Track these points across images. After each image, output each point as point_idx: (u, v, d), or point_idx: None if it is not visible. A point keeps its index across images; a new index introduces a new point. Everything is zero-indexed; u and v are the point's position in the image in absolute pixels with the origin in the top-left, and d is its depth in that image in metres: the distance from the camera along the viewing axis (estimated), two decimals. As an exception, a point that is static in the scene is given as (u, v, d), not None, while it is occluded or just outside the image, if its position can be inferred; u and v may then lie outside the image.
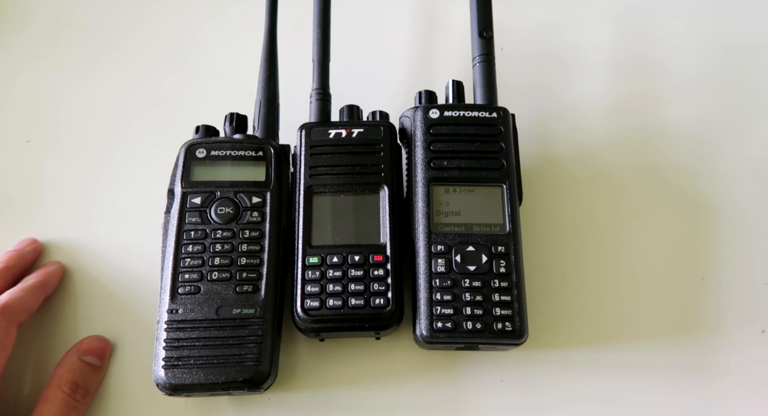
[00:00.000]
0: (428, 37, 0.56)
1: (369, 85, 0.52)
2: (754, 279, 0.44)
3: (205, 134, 0.44)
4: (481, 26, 0.46)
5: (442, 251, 0.39)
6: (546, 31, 0.56)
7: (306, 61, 0.47)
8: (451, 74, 0.47)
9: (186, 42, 0.56)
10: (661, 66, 0.53)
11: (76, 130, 0.52)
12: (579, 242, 0.45)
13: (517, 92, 0.51)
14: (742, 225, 0.46)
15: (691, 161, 0.49)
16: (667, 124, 0.51)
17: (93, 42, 0.57)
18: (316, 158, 0.42)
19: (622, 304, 0.43)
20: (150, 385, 0.37)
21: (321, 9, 0.47)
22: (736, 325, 0.43)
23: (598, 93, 0.52)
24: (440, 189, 0.41)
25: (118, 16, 0.58)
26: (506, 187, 0.41)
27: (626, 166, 0.49)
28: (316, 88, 0.45)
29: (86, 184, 0.49)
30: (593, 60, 0.54)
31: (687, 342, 0.42)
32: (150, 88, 0.54)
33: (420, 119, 0.42)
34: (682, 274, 0.44)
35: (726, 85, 0.52)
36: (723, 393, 0.40)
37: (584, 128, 0.50)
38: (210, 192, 0.41)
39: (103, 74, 0.55)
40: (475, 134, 0.42)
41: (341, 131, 0.43)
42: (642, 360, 0.41)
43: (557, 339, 0.42)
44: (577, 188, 0.48)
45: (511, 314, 0.38)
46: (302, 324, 0.39)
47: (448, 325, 0.37)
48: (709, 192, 0.47)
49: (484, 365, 0.41)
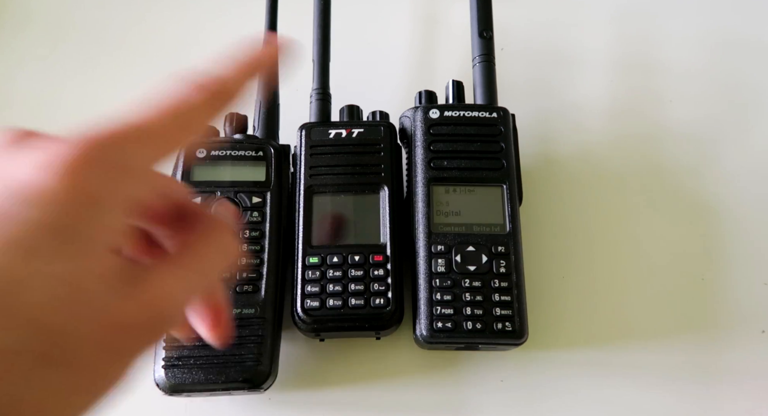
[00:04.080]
0: (428, 37, 0.56)
1: (369, 86, 0.52)
2: (754, 279, 0.44)
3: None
4: (481, 26, 0.46)
5: (442, 251, 0.39)
6: (546, 31, 0.56)
7: (306, 61, 0.47)
8: (451, 74, 0.47)
9: (186, 42, 0.56)
10: (661, 66, 0.53)
11: (76, 130, 0.52)
12: (579, 242, 0.45)
13: (517, 92, 0.51)
14: (742, 225, 0.46)
15: (691, 161, 0.49)
16: (667, 124, 0.51)
17: (93, 42, 0.57)
18: (316, 158, 0.42)
19: (622, 304, 0.43)
20: (150, 385, 0.37)
21: (321, 9, 0.47)
22: (736, 325, 0.42)
23: (599, 93, 0.52)
24: (440, 189, 0.41)
25: (118, 17, 0.58)
26: (506, 187, 0.41)
27: (626, 166, 0.49)
28: (316, 88, 0.45)
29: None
30: (593, 60, 0.54)
31: (687, 342, 0.42)
32: (150, 89, 0.54)
33: (420, 119, 0.42)
34: (682, 274, 0.44)
35: (726, 85, 0.52)
36: (723, 393, 0.40)
37: (584, 127, 0.50)
38: (210, 192, 0.41)
39: (103, 74, 0.55)
40: (475, 134, 0.42)
41: (341, 131, 0.43)
42: (642, 360, 0.41)
43: (557, 339, 0.42)
44: (577, 188, 0.48)
45: (511, 314, 0.38)
46: (302, 324, 0.38)
47: (448, 325, 0.37)
48: (709, 192, 0.47)
49: (484, 365, 0.41)
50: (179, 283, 0.19)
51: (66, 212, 0.17)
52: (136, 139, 0.19)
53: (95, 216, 0.17)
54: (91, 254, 0.17)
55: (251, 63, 0.22)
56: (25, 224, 0.16)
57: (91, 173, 0.18)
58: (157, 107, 0.20)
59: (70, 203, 0.17)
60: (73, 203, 0.17)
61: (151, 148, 0.20)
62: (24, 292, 0.15)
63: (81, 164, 0.18)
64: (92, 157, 0.18)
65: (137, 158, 0.19)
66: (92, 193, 0.17)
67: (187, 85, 0.21)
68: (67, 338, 0.16)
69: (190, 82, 0.21)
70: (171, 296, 0.18)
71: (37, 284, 0.16)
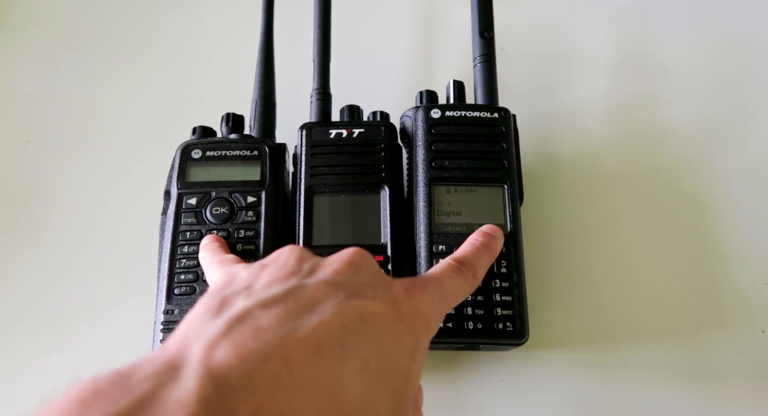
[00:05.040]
0: (429, 37, 0.56)
1: (370, 86, 0.52)
2: (754, 279, 0.44)
3: (201, 135, 0.44)
4: (482, 26, 0.46)
5: (443, 251, 0.39)
6: (546, 31, 0.56)
7: (306, 61, 0.47)
8: (451, 74, 0.47)
9: (186, 43, 0.56)
10: (661, 66, 0.53)
11: (76, 130, 0.52)
12: (579, 242, 0.46)
13: (518, 92, 0.51)
14: (742, 225, 0.46)
15: (691, 161, 0.49)
16: (667, 124, 0.51)
17: (93, 42, 0.57)
18: (316, 158, 0.42)
19: (623, 304, 0.43)
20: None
21: (321, 9, 0.47)
22: (736, 325, 0.43)
23: (599, 93, 0.52)
24: (441, 189, 0.41)
25: (118, 17, 0.58)
26: (507, 187, 0.41)
27: (627, 166, 0.49)
28: (316, 88, 0.45)
29: (85, 184, 0.49)
30: (593, 60, 0.54)
31: (687, 342, 0.42)
32: (150, 89, 0.54)
33: (421, 118, 0.42)
34: (682, 274, 0.44)
35: (726, 85, 0.52)
36: (723, 393, 0.40)
37: (585, 128, 0.50)
38: (205, 193, 0.41)
39: (103, 74, 0.55)
40: (476, 134, 0.42)
41: (342, 131, 0.43)
42: (642, 360, 0.41)
43: (557, 339, 0.42)
44: (577, 188, 0.48)
45: (512, 314, 0.38)
46: (303, 324, 0.38)
47: (449, 325, 0.37)
48: (709, 192, 0.47)
49: (484, 365, 0.41)
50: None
51: (418, 330, 0.24)
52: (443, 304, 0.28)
53: (428, 342, 0.25)
54: (418, 371, 0.24)
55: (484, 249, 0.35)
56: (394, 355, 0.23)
57: (430, 309, 0.26)
58: (443, 270, 0.30)
59: (422, 326, 0.25)
60: (422, 325, 0.25)
61: (447, 300, 0.29)
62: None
63: (427, 300, 0.26)
64: (430, 295, 0.27)
65: (443, 307, 0.28)
66: (432, 326, 0.25)
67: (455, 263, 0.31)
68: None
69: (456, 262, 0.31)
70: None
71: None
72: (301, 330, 0.20)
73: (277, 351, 0.19)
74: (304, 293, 0.23)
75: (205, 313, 0.22)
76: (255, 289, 0.24)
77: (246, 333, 0.20)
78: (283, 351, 0.19)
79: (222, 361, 0.18)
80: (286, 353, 0.19)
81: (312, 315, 0.21)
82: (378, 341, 0.22)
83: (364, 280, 0.25)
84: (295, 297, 0.22)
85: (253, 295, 0.23)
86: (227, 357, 0.19)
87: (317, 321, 0.21)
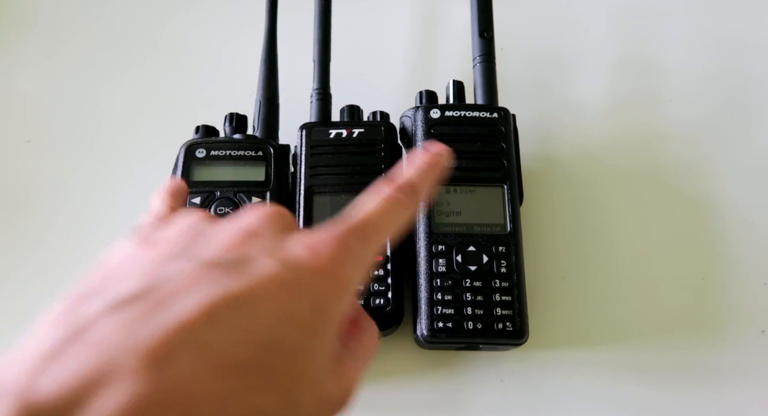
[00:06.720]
0: (428, 38, 0.56)
1: (369, 86, 0.52)
2: (754, 279, 0.44)
3: (205, 134, 0.44)
4: (482, 26, 0.46)
5: (442, 251, 0.39)
6: (546, 31, 0.56)
7: (306, 61, 0.47)
8: (451, 74, 0.47)
9: (186, 42, 0.56)
10: (660, 66, 0.53)
11: (76, 130, 0.52)
12: (579, 242, 0.45)
13: (518, 92, 0.51)
14: (742, 225, 0.46)
15: (691, 161, 0.49)
16: (667, 124, 0.51)
17: (93, 42, 0.57)
18: (316, 158, 0.42)
19: (622, 304, 0.43)
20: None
21: (322, 9, 0.47)
22: (736, 325, 0.42)
23: (599, 93, 0.52)
24: (441, 189, 0.41)
25: (118, 17, 0.58)
26: (507, 187, 0.41)
27: (626, 166, 0.49)
28: (316, 88, 0.45)
29: (86, 184, 0.49)
30: (593, 60, 0.54)
31: (687, 342, 0.42)
32: (150, 89, 0.54)
33: (421, 118, 0.42)
34: (682, 274, 0.44)
35: (726, 85, 0.52)
36: (723, 393, 0.40)
37: (584, 128, 0.50)
38: (210, 192, 0.41)
39: (103, 74, 0.55)
40: (476, 134, 0.42)
41: (342, 131, 0.43)
42: (642, 359, 0.41)
43: (557, 339, 0.42)
44: (577, 188, 0.48)
45: (512, 314, 0.38)
46: (303, 324, 0.38)
47: (449, 325, 0.37)
48: (709, 192, 0.47)
49: (484, 365, 0.41)
50: (361, 368, 0.23)
51: (325, 293, 0.20)
52: (372, 233, 0.22)
53: (343, 300, 0.21)
54: (329, 333, 0.20)
55: (428, 168, 0.25)
56: (299, 295, 0.19)
57: (347, 262, 0.21)
58: (374, 205, 0.23)
59: (332, 287, 0.20)
60: (332, 285, 0.20)
61: (379, 242, 0.23)
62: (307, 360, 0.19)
63: (341, 253, 0.21)
64: (347, 248, 0.21)
65: (371, 252, 0.22)
66: (346, 280, 0.21)
67: (390, 187, 0.24)
68: (294, 405, 0.18)
69: (392, 184, 0.24)
70: (358, 378, 0.22)
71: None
72: (146, 337, 0.16)
73: (115, 371, 0.15)
74: (167, 287, 0.18)
75: (41, 323, 0.18)
76: (114, 283, 0.19)
77: (81, 352, 0.16)
78: (120, 371, 0.15)
79: (46, 392, 0.15)
80: (122, 374, 0.15)
81: (167, 313, 0.17)
82: (256, 323, 0.18)
83: (256, 251, 0.20)
84: (156, 292, 0.18)
85: (109, 292, 0.18)
86: (52, 386, 0.15)
87: (174, 319, 0.17)
